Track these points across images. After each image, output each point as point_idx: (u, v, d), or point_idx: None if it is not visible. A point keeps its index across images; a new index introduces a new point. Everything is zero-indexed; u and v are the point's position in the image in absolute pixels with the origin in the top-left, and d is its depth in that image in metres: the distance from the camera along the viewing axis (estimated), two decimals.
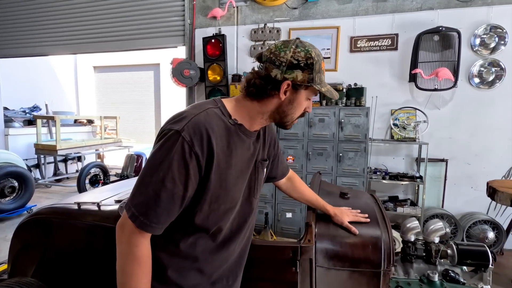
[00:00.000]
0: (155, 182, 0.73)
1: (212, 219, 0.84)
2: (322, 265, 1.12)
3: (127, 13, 4.35)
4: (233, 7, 3.84)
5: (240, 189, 0.89)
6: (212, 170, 0.77)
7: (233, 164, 0.83)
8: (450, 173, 3.30)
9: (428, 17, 3.25)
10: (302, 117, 0.92)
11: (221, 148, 0.79)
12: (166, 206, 0.74)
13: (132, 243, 0.74)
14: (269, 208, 3.39)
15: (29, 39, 4.99)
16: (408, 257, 1.44)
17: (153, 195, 0.73)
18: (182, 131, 0.73)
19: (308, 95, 0.86)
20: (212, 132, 0.76)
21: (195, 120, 0.75)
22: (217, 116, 0.81)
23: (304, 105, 0.88)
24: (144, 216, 0.73)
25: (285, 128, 0.91)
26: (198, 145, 0.74)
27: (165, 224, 0.77)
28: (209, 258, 0.88)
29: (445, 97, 3.27)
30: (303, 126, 3.22)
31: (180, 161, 0.72)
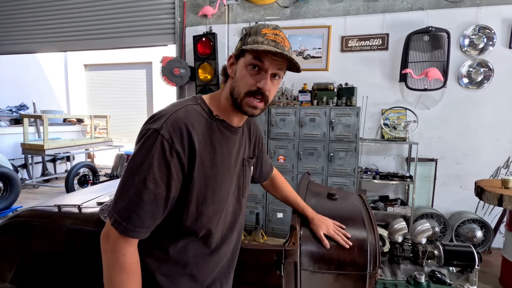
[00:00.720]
0: (136, 184, 0.69)
1: (201, 221, 0.79)
2: (307, 269, 1.10)
3: (117, 10, 4.27)
4: (224, 6, 3.80)
5: (228, 189, 0.85)
6: (195, 168, 0.74)
7: (219, 162, 0.80)
8: (440, 173, 3.33)
9: (418, 17, 3.26)
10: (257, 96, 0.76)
11: (203, 145, 0.75)
12: (149, 208, 0.70)
13: (118, 251, 0.70)
14: (260, 208, 3.37)
15: (16, 35, 4.87)
16: (396, 258, 1.43)
17: (135, 198, 0.69)
18: (161, 129, 0.70)
19: (247, 62, 0.76)
20: (192, 129, 0.73)
21: (173, 117, 0.72)
22: (197, 113, 0.78)
23: (245, 74, 0.76)
24: (126, 221, 0.69)
25: (243, 112, 0.79)
26: (178, 143, 0.71)
27: (150, 227, 0.73)
28: (200, 262, 0.84)
29: (435, 97, 3.29)
30: (294, 125, 3.21)
31: (161, 160, 0.69)
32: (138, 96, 8.77)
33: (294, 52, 3.66)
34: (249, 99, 0.77)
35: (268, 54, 0.74)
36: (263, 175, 1.19)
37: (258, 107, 0.79)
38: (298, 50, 3.65)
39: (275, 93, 0.84)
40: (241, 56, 0.78)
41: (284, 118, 3.23)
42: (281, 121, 3.24)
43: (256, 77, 0.76)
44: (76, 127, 6.46)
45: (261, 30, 0.77)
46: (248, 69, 0.76)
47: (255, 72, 0.76)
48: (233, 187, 0.88)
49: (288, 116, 3.22)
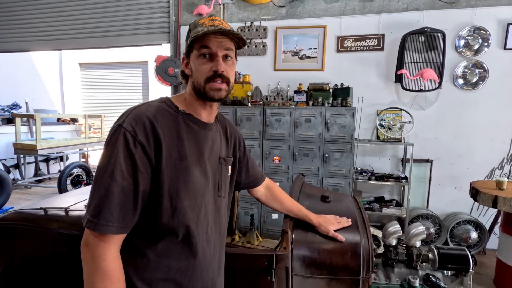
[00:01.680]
0: (105, 180, 0.68)
1: (178, 218, 0.76)
2: (299, 274, 1.07)
3: (111, 9, 4.22)
4: (219, 4, 3.77)
5: (202, 183, 0.82)
6: (163, 160, 0.73)
7: (188, 155, 0.79)
8: (435, 174, 3.33)
9: (413, 17, 3.25)
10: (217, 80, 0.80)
11: (169, 137, 0.75)
12: (119, 201, 0.68)
13: (97, 256, 0.68)
14: (255, 210, 3.34)
15: (8, 33, 4.79)
16: (390, 261, 1.41)
17: (105, 193, 0.68)
18: (123, 123, 0.72)
19: (196, 53, 0.80)
20: (155, 121, 0.74)
21: (135, 111, 0.75)
22: (161, 107, 0.79)
23: (200, 65, 0.80)
24: (97, 217, 0.67)
25: (209, 98, 0.81)
26: (141, 134, 0.71)
27: (122, 222, 0.69)
28: (185, 267, 0.80)
29: (430, 98, 3.28)
30: (289, 126, 3.18)
31: (126, 153, 0.70)
32: (134, 95, 8.69)
33: (290, 52, 3.64)
34: (210, 84, 0.80)
35: (211, 38, 0.78)
36: (251, 181, 1.16)
37: (222, 88, 0.81)
38: (294, 50, 3.62)
39: (234, 73, 0.87)
40: (190, 52, 0.82)
41: (279, 118, 3.20)
42: (276, 121, 3.21)
43: (209, 64, 0.80)
44: (70, 127, 6.38)
45: (198, 21, 0.81)
46: (200, 60, 0.80)
47: (206, 60, 0.80)
48: (210, 184, 0.86)
49: (283, 116, 3.19)
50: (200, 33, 0.76)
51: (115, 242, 0.71)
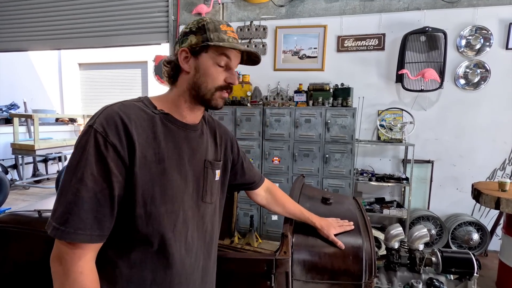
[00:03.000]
0: (74, 185, 0.62)
1: (152, 225, 0.70)
2: (300, 278, 1.04)
3: (110, 8, 4.19)
4: (219, 4, 3.74)
5: (180, 188, 0.76)
6: (136, 163, 0.68)
7: (166, 157, 0.73)
8: (436, 175, 3.30)
9: (415, 17, 3.23)
10: (227, 90, 0.80)
11: (144, 138, 0.70)
12: (91, 207, 0.62)
13: (73, 270, 0.62)
14: (254, 211, 3.31)
15: (6, 33, 4.75)
16: (392, 265, 1.38)
17: (73, 199, 0.62)
18: (94, 123, 0.66)
19: (214, 59, 0.77)
20: (128, 121, 0.68)
21: (107, 111, 0.69)
22: (136, 107, 0.74)
23: (216, 72, 0.77)
24: (64, 225, 0.60)
25: (212, 106, 0.80)
26: (113, 135, 0.66)
27: (97, 229, 0.64)
28: (161, 279, 0.74)
29: (431, 98, 3.25)
30: (289, 126, 3.15)
31: (97, 155, 0.64)
32: (133, 95, 8.62)
33: (290, 52, 3.61)
34: (221, 93, 0.80)
35: (232, 51, 0.78)
36: (248, 183, 1.10)
37: (226, 98, 0.82)
38: (294, 49, 3.59)
39: None
40: (201, 51, 0.77)
41: (279, 118, 3.17)
42: (276, 121, 3.18)
43: (225, 73, 0.79)
44: (69, 127, 6.35)
45: (219, 26, 0.77)
46: (216, 66, 0.77)
47: (223, 69, 0.79)
48: (190, 188, 0.80)
49: (283, 116, 3.16)
50: (228, 45, 0.75)
51: (90, 253, 0.64)
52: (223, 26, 0.77)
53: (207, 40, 0.74)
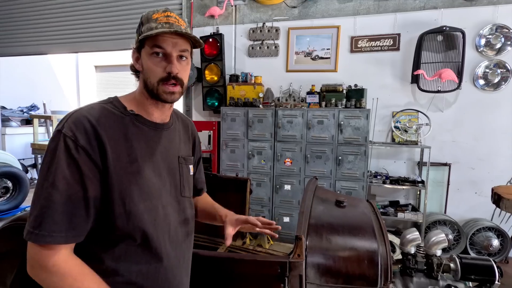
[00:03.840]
0: (46, 189, 0.64)
1: (133, 222, 0.72)
2: (314, 282, 1.03)
3: (126, 12, 4.28)
4: (231, 6, 3.76)
5: (158, 185, 0.79)
6: (110, 164, 0.69)
7: (139, 157, 0.75)
8: (453, 178, 3.20)
9: (431, 16, 3.15)
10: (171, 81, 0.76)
11: (115, 140, 0.72)
12: (65, 209, 0.64)
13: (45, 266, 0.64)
14: (266, 212, 3.30)
15: (27, 37, 4.94)
16: (408, 270, 1.35)
17: (45, 203, 0.64)
18: (63, 128, 0.68)
19: (149, 52, 0.75)
20: (97, 124, 0.70)
21: (75, 115, 0.70)
22: (105, 109, 0.75)
23: (153, 65, 0.76)
24: (38, 228, 0.62)
25: (162, 100, 0.79)
26: (83, 139, 0.67)
27: (72, 231, 0.65)
28: (146, 271, 0.76)
29: (449, 99, 3.17)
30: (301, 128, 3.13)
31: (68, 159, 0.66)
32: None
33: (302, 53, 3.59)
34: (164, 86, 0.76)
35: (166, 38, 0.74)
36: (197, 188, 1.05)
37: (175, 92, 0.78)
38: (306, 50, 3.57)
39: (188, 74, 0.83)
40: (142, 47, 0.77)
41: (291, 120, 3.16)
42: (288, 123, 3.17)
43: (162, 63, 0.76)
44: None
45: (152, 15, 0.76)
46: (153, 58, 0.75)
47: (160, 59, 0.76)
48: (167, 184, 0.82)
49: (295, 118, 3.14)
50: (153, 33, 0.72)
51: (65, 250, 0.66)
52: (156, 14, 0.75)
53: (140, 34, 0.75)
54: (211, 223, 1.08)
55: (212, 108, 3.77)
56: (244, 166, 3.36)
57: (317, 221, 1.21)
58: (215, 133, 3.59)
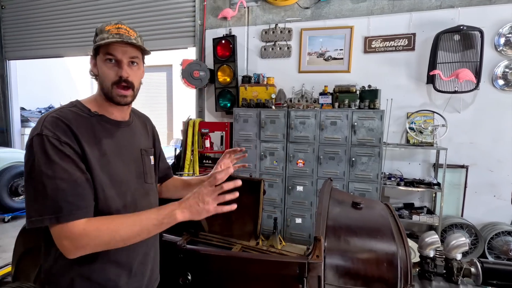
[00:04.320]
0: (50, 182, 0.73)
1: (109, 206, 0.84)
2: (332, 283, 1.03)
3: (139, 15, 4.37)
4: (244, 8, 3.78)
5: (125, 174, 0.90)
6: (88, 157, 0.80)
7: (108, 151, 0.86)
8: (471, 180, 3.12)
9: (448, 15, 3.09)
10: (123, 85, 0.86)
11: (87, 138, 0.82)
12: (75, 192, 0.75)
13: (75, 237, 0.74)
14: (278, 213, 3.30)
15: (45, 41, 5.10)
16: (427, 274, 1.33)
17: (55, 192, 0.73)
18: (42, 131, 0.76)
19: (102, 58, 0.86)
20: (71, 124, 0.79)
21: (49, 119, 0.78)
22: (73, 113, 0.84)
23: (107, 70, 0.86)
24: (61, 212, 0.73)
25: (115, 102, 0.88)
26: (64, 136, 0.77)
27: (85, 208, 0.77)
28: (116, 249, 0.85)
29: (466, 99, 3.09)
30: (314, 129, 3.12)
31: (59, 154, 0.75)
32: (159, 98, 8.92)
33: (315, 54, 3.58)
34: (116, 90, 0.87)
35: (116, 46, 0.84)
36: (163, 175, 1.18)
37: (127, 95, 0.89)
38: (319, 51, 3.56)
39: (140, 78, 0.93)
40: (97, 55, 0.87)
41: (304, 121, 3.15)
42: (301, 124, 3.16)
43: (114, 69, 0.86)
44: None
45: (105, 27, 0.86)
46: (106, 64, 0.86)
47: (112, 65, 0.86)
48: (133, 173, 0.94)
49: (308, 119, 3.14)
50: (103, 43, 0.82)
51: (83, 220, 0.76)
52: (108, 27, 0.86)
53: (94, 43, 0.86)
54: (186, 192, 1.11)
55: (225, 109, 3.80)
56: (256, 167, 3.37)
57: (335, 223, 1.21)
58: (227, 134, 3.62)
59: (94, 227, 0.76)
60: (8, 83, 5.36)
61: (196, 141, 3.72)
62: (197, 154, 3.73)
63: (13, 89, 5.43)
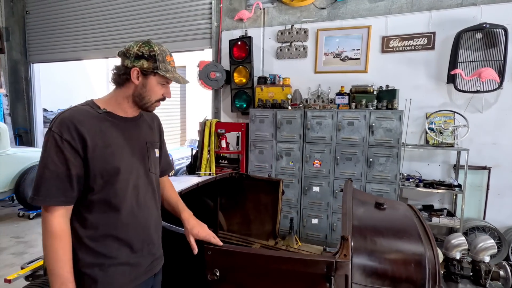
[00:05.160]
0: (41, 169, 0.93)
1: (110, 190, 0.99)
2: (359, 283, 1.03)
3: (156, 18, 4.47)
4: (260, 9, 3.81)
5: (129, 163, 1.04)
6: (89, 150, 0.95)
7: (112, 144, 1.00)
8: (493, 182, 3.04)
9: (469, 13, 3.02)
10: (162, 100, 1.10)
11: (93, 132, 0.96)
12: (55, 183, 0.92)
13: (44, 221, 0.93)
14: (294, 214, 3.31)
15: (66, 44, 5.28)
16: (453, 276, 1.31)
17: (40, 179, 0.92)
18: (52, 127, 0.94)
19: (159, 81, 1.06)
20: (78, 122, 0.94)
21: (60, 117, 0.96)
22: (84, 110, 0.99)
23: (158, 90, 1.07)
24: (37, 194, 0.91)
25: (148, 111, 1.12)
26: (67, 134, 0.93)
27: (62, 197, 0.92)
28: (120, 225, 1.01)
29: (489, 99, 3.01)
30: (331, 129, 3.11)
31: (56, 148, 0.92)
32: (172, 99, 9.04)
33: (331, 54, 3.57)
34: (157, 104, 1.11)
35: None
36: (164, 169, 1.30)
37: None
38: (335, 51, 3.55)
39: None
40: (150, 74, 1.04)
41: (320, 121, 3.15)
42: (317, 124, 3.16)
43: (163, 90, 1.09)
44: None
45: (166, 58, 1.05)
46: (159, 86, 1.07)
47: (163, 87, 1.08)
48: (137, 162, 1.07)
49: (324, 119, 3.13)
50: (173, 79, 1.06)
51: (59, 212, 0.93)
52: (168, 57, 1.06)
53: (157, 68, 1.03)
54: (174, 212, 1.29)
55: (240, 110, 3.84)
56: (272, 167, 3.39)
57: (360, 223, 1.21)
58: (243, 134, 3.65)
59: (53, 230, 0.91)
60: (32, 85, 5.57)
61: (213, 141, 3.77)
62: (214, 154, 3.78)
63: (36, 91, 5.64)
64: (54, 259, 0.91)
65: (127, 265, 1.03)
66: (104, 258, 0.99)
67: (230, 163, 3.86)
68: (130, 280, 1.04)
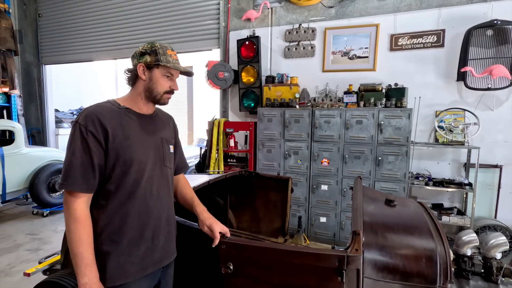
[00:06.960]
0: (69, 158, 1.01)
1: (126, 179, 1.07)
2: (370, 277, 1.05)
3: (164, 19, 4.52)
4: (268, 9, 3.83)
5: (145, 155, 1.12)
6: (110, 141, 1.04)
7: (131, 136, 1.09)
8: (505, 181, 3.00)
9: (480, 10, 2.99)
10: (171, 93, 1.19)
11: (114, 125, 1.06)
12: (80, 170, 1.00)
13: (69, 207, 1.00)
14: (302, 212, 3.32)
15: (76, 46, 5.39)
16: (464, 273, 1.32)
17: (69, 166, 1.01)
18: (78, 120, 1.04)
19: (163, 73, 1.14)
20: (101, 116, 1.04)
21: (86, 111, 1.06)
22: (106, 106, 1.10)
23: (164, 82, 1.15)
24: (66, 181, 1.00)
25: (160, 103, 1.19)
26: (91, 126, 1.02)
27: (85, 184, 1.01)
28: (136, 214, 1.09)
29: (500, 97, 2.98)
30: (339, 128, 3.12)
31: (81, 139, 1.02)
32: (179, 98, 9.16)
33: (339, 53, 3.57)
34: (166, 96, 1.18)
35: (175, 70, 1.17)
36: (179, 167, 1.36)
37: (170, 98, 1.21)
38: (343, 50, 3.55)
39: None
40: (153, 67, 1.13)
41: (328, 120, 3.15)
42: (326, 123, 3.17)
43: (170, 82, 1.17)
44: None
45: (167, 51, 1.14)
46: (164, 78, 1.15)
47: (168, 79, 1.16)
48: (152, 155, 1.15)
49: (333, 118, 3.14)
50: (173, 67, 1.13)
51: (82, 199, 1.01)
52: (169, 51, 1.15)
53: (159, 61, 1.11)
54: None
55: (248, 109, 3.87)
56: (280, 166, 3.41)
57: (371, 219, 1.23)
58: (251, 133, 3.68)
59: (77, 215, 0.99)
60: (44, 86, 5.70)
61: (221, 140, 3.81)
62: (222, 153, 3.82)
63: (49, 92, 5.77)
64: (80, 242, 0.98)
65: (135, 255, 1.09)
66: (116, 246, 1.06)
67: (238, 162, 3.89)
68: (137, 270, 1.10)
